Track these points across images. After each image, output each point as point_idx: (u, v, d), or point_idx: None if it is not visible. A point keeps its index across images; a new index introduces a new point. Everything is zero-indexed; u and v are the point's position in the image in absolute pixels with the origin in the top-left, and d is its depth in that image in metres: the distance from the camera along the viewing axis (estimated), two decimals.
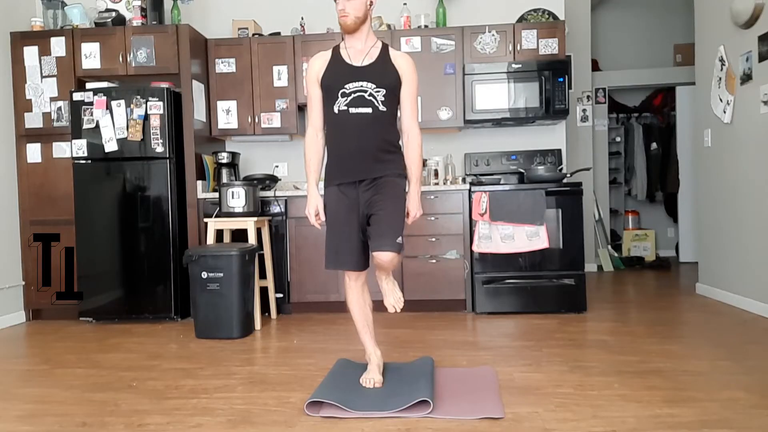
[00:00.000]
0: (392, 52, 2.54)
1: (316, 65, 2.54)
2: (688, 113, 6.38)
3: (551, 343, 3.33)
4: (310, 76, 2.54)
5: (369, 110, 2.44)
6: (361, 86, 2.45)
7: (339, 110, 2.46)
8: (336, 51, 2.55)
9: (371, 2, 2.46)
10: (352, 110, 2.45)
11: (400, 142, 2.58)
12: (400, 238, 2.46)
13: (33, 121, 4.41)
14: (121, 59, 4.36)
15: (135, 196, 4.22)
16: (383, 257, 2.43)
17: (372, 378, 2.56)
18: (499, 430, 2.11)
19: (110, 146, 4.19)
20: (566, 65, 4.42)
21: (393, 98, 2.50)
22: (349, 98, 2.45)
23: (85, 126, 4.20)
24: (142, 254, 4.21)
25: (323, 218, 2.60)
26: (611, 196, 7.29)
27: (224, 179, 4.55)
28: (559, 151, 4.66)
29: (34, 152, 4.42)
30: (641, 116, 7.63)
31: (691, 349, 3.11)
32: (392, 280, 2.60)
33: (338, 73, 2.48)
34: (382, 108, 2.46)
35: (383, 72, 2.48)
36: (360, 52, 2.51)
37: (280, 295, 4.35)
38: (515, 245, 4.06)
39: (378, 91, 2.45)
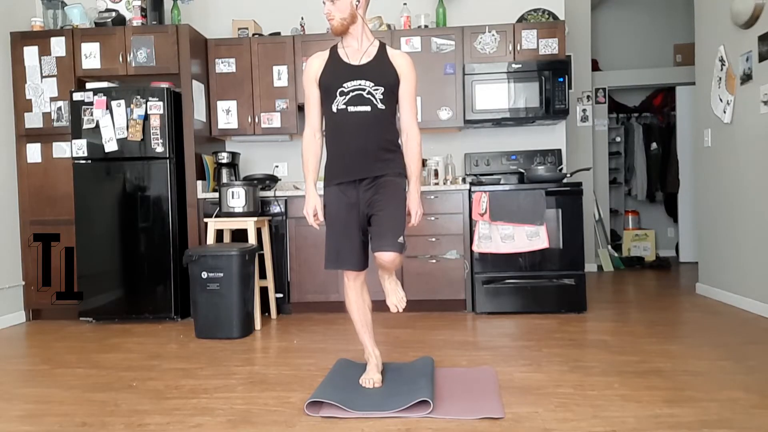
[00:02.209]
0: (390, 50, 2.54)
1: (315, 65, 2.54)
2: (688, 113, 6.39)
3: (551, 343, 3.33)
4: (308, 76, 2.55)
5: (368, 108, 2.44)
6: (359, 84, 2.45)
7: (337, 109, 2.46)
8: (334, 51, 2.55)
9: (358, 3, 2.46)
10: (351, 109, 2.45)
11: (400, 141, 2.58)
12: (401, 238, 2.45)
13: (33, 121, 4.41)
14: (121, 59, 4.36)
15: (135, 196, 4.22)
16: (384, 257, 2.42)
17: (371, 378, 2.56)
18: (499, 430, 2.11)
19: (110, 146, 4.19)
20: (566, 65, 4.42)
21: (392, 96, 2.50)
22: (348, 97, 2.45)
23: (85, 126, 4.20)
24: (142, 254, 4.21)
25: (321, 218, 2.59)
26: (611, 196, 7.29)
27: (224, 179, 4.55)
28: (559, 151, 4.66)
29: (34, 152, 4.42)
30: (641, 116, 7.63)
31: (691, 349, 3.11)
32: (395, 280, 2.60)
33: (336, 72, 2.48)
34: (381, 106, 2.46)
35: (381, 70, 2.48)
36: (357, 51, 2.51)
37: (280, 295, 4.35)
38: (515, 245, 4.06)
39: (376, 90, 2.45)
